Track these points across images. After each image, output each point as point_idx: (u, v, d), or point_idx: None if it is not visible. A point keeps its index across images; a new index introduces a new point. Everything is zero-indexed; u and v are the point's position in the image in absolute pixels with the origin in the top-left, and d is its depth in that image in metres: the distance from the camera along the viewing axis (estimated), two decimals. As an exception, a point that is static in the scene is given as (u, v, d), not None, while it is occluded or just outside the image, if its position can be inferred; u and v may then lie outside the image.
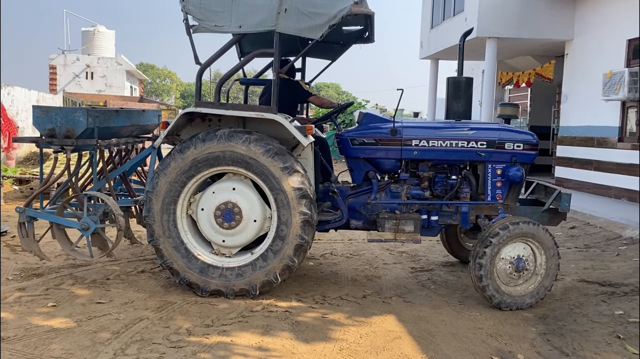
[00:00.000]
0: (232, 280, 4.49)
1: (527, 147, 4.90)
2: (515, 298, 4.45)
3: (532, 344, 3.82)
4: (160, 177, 4.53)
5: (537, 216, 4.98)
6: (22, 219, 4.87)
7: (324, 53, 6.10)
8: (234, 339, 3.71)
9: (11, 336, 3.61)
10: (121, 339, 3.63)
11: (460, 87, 5.16)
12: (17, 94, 14.93)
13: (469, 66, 20.25)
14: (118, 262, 5.48)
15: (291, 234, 4.43)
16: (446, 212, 5.00)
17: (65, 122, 4.75)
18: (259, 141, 4.43)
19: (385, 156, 5.00)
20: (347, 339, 3.79)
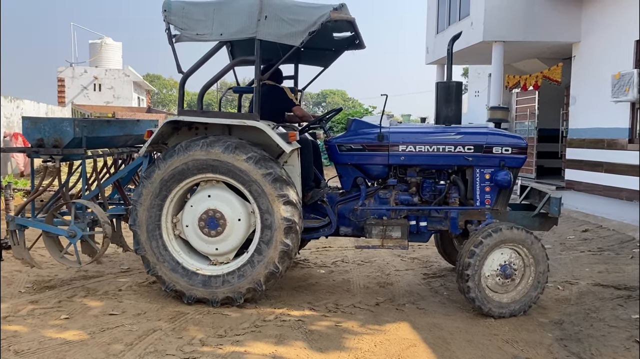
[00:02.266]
0: (235, 283, 4.48)
1: (515, 151, 4.83)
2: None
3: (549, 351, 3.77)
4: (142, 197, 4.57)
5: (528, 221, 4.90)
6: (12, 227, 4.96)
7: (316, 60, 6.11)
8: (247, 349, 3.69)
9: (25, 350, 3.61)
10: (135, 351, 3.62)
11: (450, 92, 5.14)
12: (26, 107, 15.03)
13: (475, 70, 20.24)
14: (130, 273, 5.48)
15: (277, 222, 4.40)
16: (435, 218, 4.96)
17: (53, 132, 4.83)
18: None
19: (373, 162, 4.98)
20: (361, 348, 3.76)
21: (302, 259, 6.25)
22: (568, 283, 5.30)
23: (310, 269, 5.85)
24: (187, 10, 4.54)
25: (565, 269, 5.80)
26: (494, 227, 4.37)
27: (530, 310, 4.54)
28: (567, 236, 7.32)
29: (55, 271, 5.56)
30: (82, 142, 4.90)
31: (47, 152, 4.85)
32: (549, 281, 5.38)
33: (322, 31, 5.21)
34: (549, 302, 4.77)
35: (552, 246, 6.85)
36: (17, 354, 3.54)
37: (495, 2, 11.30)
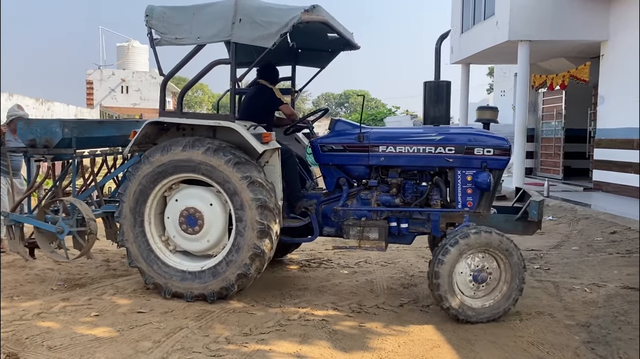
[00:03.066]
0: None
1: (497, 152, 4.70)
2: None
3: (576, 353, 3.73)
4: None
5: (511, 225, 4.76)
6: (7, 223, 5.18)
7: (312, 61, 6.15)
8: (272, 348, 3.73)
9: (57, 345, 3.72)
10: (162, 348, 3.70)
11: (438, 91, 5.09)
12: (57, 109, 15.42)
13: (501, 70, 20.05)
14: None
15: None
16: (417, 220, 4.90)
17: (44, 133, 5.02)
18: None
19: (354, 162, 4.97)
20: (385, 348, 3.78)
21: (325, 260, 6.28)
22: (595, 285, 5.22)
23: (334, 270, 5.88)
24: (167, 15, 4.69)
25: (593, 271, 5.71)
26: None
27: (556, 312, 4.51)
28: (594, 237, 7.20)
29: (85, 269, 5.70)
30: (72, 143, 5.08)
31: (37, 152, 5.09)
32: (576, 282, 5.34)
33: (317, 33, 5.29)
34: (576, 304, 4.71)
35: (579, 248, 6.76)
36: (50, 349, 3.66)
37: (521, 1, 11.19)
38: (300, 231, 5.22)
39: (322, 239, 6.82)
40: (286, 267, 5.96)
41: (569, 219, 8.51)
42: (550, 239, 7.40)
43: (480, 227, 4.30)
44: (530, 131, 14.49)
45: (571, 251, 6.64)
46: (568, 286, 5.24)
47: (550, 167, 14.34)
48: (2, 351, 3.58)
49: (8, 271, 5.57)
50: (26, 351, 3.61)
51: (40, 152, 5.08)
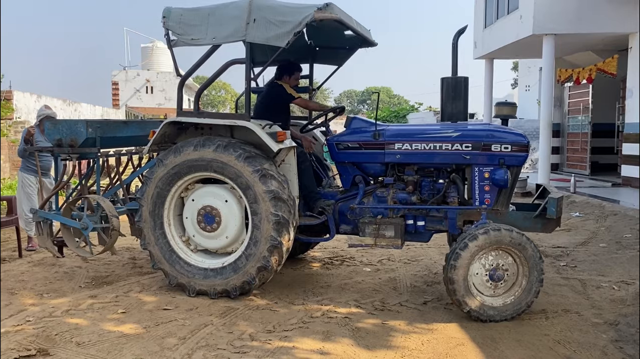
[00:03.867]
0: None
1: (515, 148, 4.62)
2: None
3: (604, 352, 3.67)
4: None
5: (529, 223, 4.70)
6: (36, 219, 5.33)
7: (330, 59, 6.15)
8: (295, 345, 3.76)
9: (85, 342, 3.80)
10: (187, 345, 3.75)
11: (456, 88, 5.02)
12: (84, 110, 15.71)
13: (525, 64, 19.73)
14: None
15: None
16: (434, 218, 4.85)
17: (69, 133, 5.16)
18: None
19: (369, 160, 4.95)
20: (408, 346, 3.77)
21: (348, 257, 6.29)
22: (624, 283, 5.12)
23: (356, 267, 5.88)
24: (184, 16, 4.75)
25: (622, 268, 5.60)
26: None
27: (583, 310, 4.44)
28: (623, 234, 7.05)
29: (112, 267, 5.81)
30: (96, 142, 5.20)
31: (62, 152, 5.24)
32: (604, 280, 5.24)
33: (333, 30, 5.27)
34: (604, 302, 4.63)
35: (608, 245, 6.63)
36: (79, 345, 3.74)
37: (545, -6, 10.99)
38: (317, 229, 5.24)
39: (343, 238, 6.84)
40: (309, 264, 5.98)
41: (596, 215, 8.35)
42: (577, 236, 7.28)
43: (489, 226, 4.25)
44: (556, 126, 14.25)
45: (599, 248, 6.52)
46: (595, 283, 5.15)
47: (577, 163, 14.08)
48: (33, 346, 3.67)
49: (38, 269, 5.70)
50: (56, 348, 3.70)
51: (65, 152, 5.21)
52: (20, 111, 12.41)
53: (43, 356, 3.56)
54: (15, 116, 12.06)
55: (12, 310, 4.45)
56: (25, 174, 6.61)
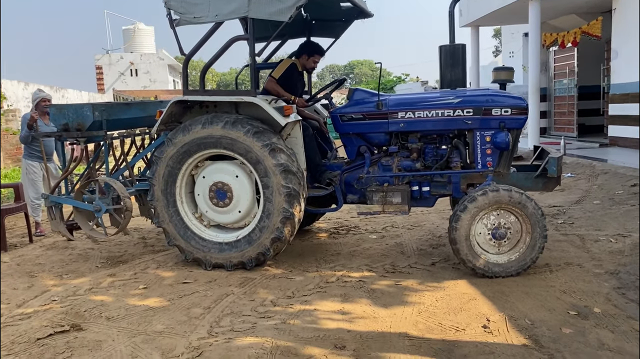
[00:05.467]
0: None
1: (515, 111, 4.76)
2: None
3: (608, 298, 3.89)
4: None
5: (531, 182, 4.89)
6: (48, 204, 5.44)
7: (327, 31, 6.20)
8: (316, 308, 3.93)
9: (115, 316, 3.94)
10: (213, 314, 3.91)
11: (454, 55, 5.15)
12: (70, 96, 15.57)
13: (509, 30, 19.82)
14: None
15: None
16: (438, 183, 5.02)
17: (76, 117, 5.24)
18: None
19: (374, 130, 5.06)
20: (424, 303, 3.96)
21: (353, 227, 6.46)
22: (620, 235, 5.36)
23: (362, 235, 6.06)
24: None
25: (617, 222, 5.84)
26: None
27: (584, 262, 4.66)
28: (615, 191, 7.30)
29: (124, 247, 5.93)
30: (103, 125, 5.28)
31: (70, 136, 5.30)
32: (601, 234, 5.48)
33: (330, 3, 5.32)
34: (603, 254, 4.86)
35: (601, 202, 6.87)
36: (109, 319, 3.88)
37: (530, -41, 11.06)
38: (324, 200, 5.39)
39: (347, 208, 7.01)
40: (316, 235, 6.14)
41: (587, 175, 8.60)
42: (571, 195, 7.52)
43: (488, 187, 4.42)
44: (543, 91, 14.44)
45: (593, 205, 6.77)
46: (593, 237, 5.39)
47: (564, 126, 14.34)
48: (65, 323, 3.81)
49: (52, 252, 5.80)
50: (87, 323, 3.84)
51: (73, 136, 5.27)
52: (10, 99, 12.30)
53: (77, 331, 3.69)
54: (6, 104, 11.96)
55: (36, 291, 4.57)
56: (29, 161, 6.64)
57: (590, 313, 3.66)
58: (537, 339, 3.32)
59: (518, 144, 5.06)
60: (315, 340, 3.41)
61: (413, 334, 3.45)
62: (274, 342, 3.39)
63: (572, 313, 3.67)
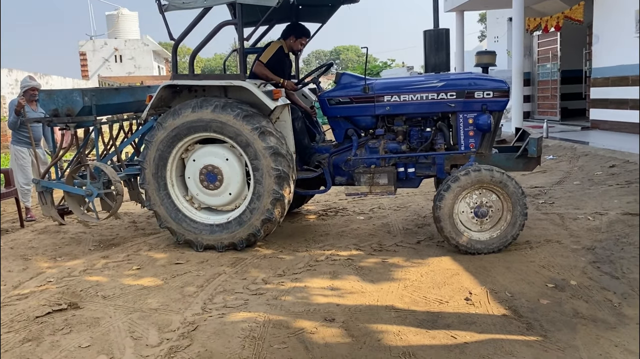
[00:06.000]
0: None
1: (497, 94, 4.91)
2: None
3: (584, 272, 4.09)
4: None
5: (512, 163, 5.07)
6: (39, 189, 5.52)
7: (313, 16, 6.26)
8: (307, 284, 4.08)
9: (110, 295, 4.06)
10: (207, 292, 4.04)
11: (438, 39, 5.28)
12: (55, 83, 15.47)
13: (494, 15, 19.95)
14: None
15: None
16: (423, 164, 5.18)
17: (66, 102, 5.29)
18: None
19: (361, 113, 5.19)
20: (409, 278, 4.13)
21: (341, 209, 6.60)
22: (598, 214, 5.56)
23: (350, 217, 6.21)
24: None
25: (595, 201, 6.05)
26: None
27: (563, 239, 4.86)
28: (595, 172, 7.52)
29: (116, 230, 6.02)
30: (92, 110, 5.34)
31: (61, 121, 5.35)
32: (579, 212, 5.68)
33: None
34: (581, 231, 5.06)
35: (581, 182, 7.09)
36: (105, 298, 3.99)
37: (514, -56, 11.16)
38: (313, 182, 5.52)
39: (334, 191, 7.15)
40: (305, 217, 6.28)
41: (569, 157, 8.82)
42: (552, 176, 7.73)
43: (471, 167, 4.57)
44: (527, 75, 14.63)
45: (573, 186, 6.97)
46: (572, 216, 5.59)
47: (547, 110, 14.57)
48: (63, 301, 3.91)
49: (44, 236, 5.88)
50: (83, 302, 3.95)
51: (64, 121, 5.32)
52: (-6, 86, 12.21)
53: (74, 309, 3.80)
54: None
55: (31, 273, 4.66)
56: (18, 147, 6.67)
57: (566, 285, 3.85)
58: (516, 310, 3.50)
59: (501, 127, 5.21)
60: (306, 314, 3.56)
61: (399, 306, 3.62)
62: (266, 316, 3.53)
63: (550, 286, 3.86)
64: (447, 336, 3.19)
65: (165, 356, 3.08)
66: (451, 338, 3.16)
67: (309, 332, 3.30)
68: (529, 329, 3.25)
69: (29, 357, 3.15)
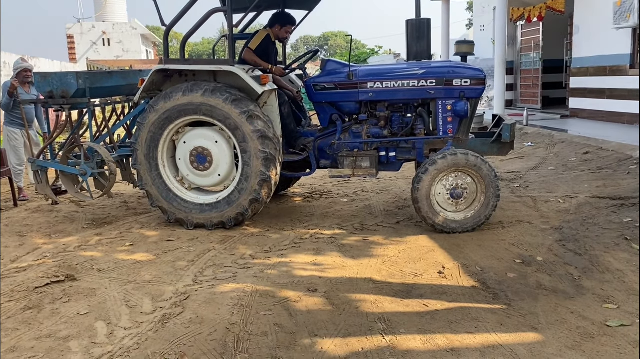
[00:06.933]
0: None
1: (474, 82, 5.16)
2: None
3: (550, 249, 4.39)
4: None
5: (487, 147, 5.36)
6: (34, 168, 5.71)
7: (301, 3, 6.44)
8: (292, 260, 4.34)
9: (105, 268, 4.29)
10: (197, 266, 4.28)
11: (420, 29, 5.52)
12: (42, 65, 15.46)
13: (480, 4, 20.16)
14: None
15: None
16: (404, 149, 5.45)
17: (60, 85, 5.47)
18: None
19: (345, 99, 5.42)
20: (387, 254, 4.41)
21: (326, 191, 6.86)
22: (568, 197, 5.88)
23: (334, 199, 6.46)
24: None
25: (567, 186, 6.37)
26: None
27: (534, 220, 5.16)
28: (569, 158, 7.85)
29: (108, 210, 6.22)
30: (86, 93, 5.52)
31: (56, 103, 5.53)
32: (551, 195, 6.00)
33: None
34: (551, 213, 5.37)
35: (555, 168, 7.41)
36: (100, 271, 4.22)
37: None
38: (299, 165, 5.77)
39: (319, 174, 7.40)
40: (291, 199, 6.53)
41: (546, 144, 9.15)
42: (529, 162, 8.05)
43: (448, 151, 4.83)
44: (510, 64, 14.93)
45: (548, 171, 7.29)
46: (544, 199, 5.90)
47: (529, 98, 14.90)
48: (60, 274, 4.13)
49: (38, 215, 6.07)
50: (80, 274, 4.17)
51: (59, 103, 5.49)
52: (-18, 68, 12.22)
53: (71, 281, 4.03)
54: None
55: (27, 249, 4.86)
56: (10, 128, 6.82)
57: (533, 261, 4.15)
58: (485, 282, 3.79)
59: (483, 114, 5.48)
60: (291, 285, 3.82)
61: (377, 279, 3.90)
62: (253, 287, 3.79)
63: (517, 261, 4.16)
64: (420, 304, 3.47)
65: (159, 322, 3.33)
66: (423, 306, 3.44)
67: (293, 301, 3.56)
68: (495, 299, 3.54)
69: (30, 323, 3.38)
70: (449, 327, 3.16)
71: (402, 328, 3.16)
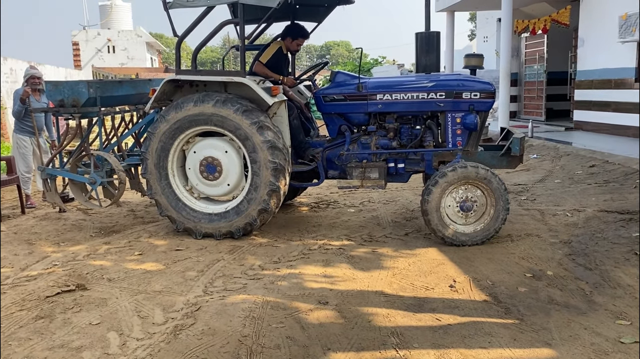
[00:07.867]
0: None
1: (484, 95, 5.18)
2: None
3: (559, 263, 4.39)
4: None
5: (496, 160, 5.38)
6: (44, 176, 5.73)
7: (310, 16, 6.50)
8: (301, 271, 4.34)
9: (115, 278, 4.29)
10: (207, 276, 4.28)
11: (429, 42, 5.56)
12: (48, 72, 15.53)
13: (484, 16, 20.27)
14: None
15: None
16: (413, 160, 5.47)
17: (71, 93, 5.49)
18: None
19: (354, 111, 5.44)
20: (397, 267, 4.40)
21: (332, 201, 6.86)
22: (576, 210, 5.88)
23: (341, 209, 6.47)
24: None
25: (574, 199, 6.38)
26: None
27: (542, 233, 5.16)
28: (575, 171, 7.86)
29: (115, 218, 6.23)
30: (97, 102, 5.55)
31: (67, 111, 5.55)
32: (559, 209, 6.00)
33: None
34: (559, 227, 5.37)
35: (562, 181, 7.42)
36: (110, 281, 4.22)
37: (504, -53, 11.44)
38: (307, 175, 5.78)
39: (326, 185, 7.41)
40: (298, 209, 6.53)
41: (552, 156, 9.16)
42: (535, 174, 8.06)
43: (458, 164, 4.84)
44: (514, 75, 14.99)
45: (554, 184, 7.30)
46: (552, 212, 5.90)
47: (533, 110, 14.94)
48: (71, 283, 4.13)
49: (46, 223, 6.07)
50: (90, 284, 4.17)
51: (70, 111, 5.52)
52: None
53: (82, 290, 4.02)
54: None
55: (37, 257, 4.87)
56: (20, 135, 6.84)
57: (543, 275, 4.15)
58: (496, 296, 3.79)
59: (488, 126, 5.51)
60: (301, 297, 3.82)
61: (388, 292, 3.89)
62: (264, 299, 3.79)
63: (528, 275, 4.16)
64: (432, 318, 3.47)
65: (171, 333, 3.32)
66: (436, 320, 3.44)
67: (304, 313, 3.56)
68: (507, 313, 3.54)
69: (43, 332, 3.37)
70: (462, 342, 3.16)
71: (415, 342, 3.16)
